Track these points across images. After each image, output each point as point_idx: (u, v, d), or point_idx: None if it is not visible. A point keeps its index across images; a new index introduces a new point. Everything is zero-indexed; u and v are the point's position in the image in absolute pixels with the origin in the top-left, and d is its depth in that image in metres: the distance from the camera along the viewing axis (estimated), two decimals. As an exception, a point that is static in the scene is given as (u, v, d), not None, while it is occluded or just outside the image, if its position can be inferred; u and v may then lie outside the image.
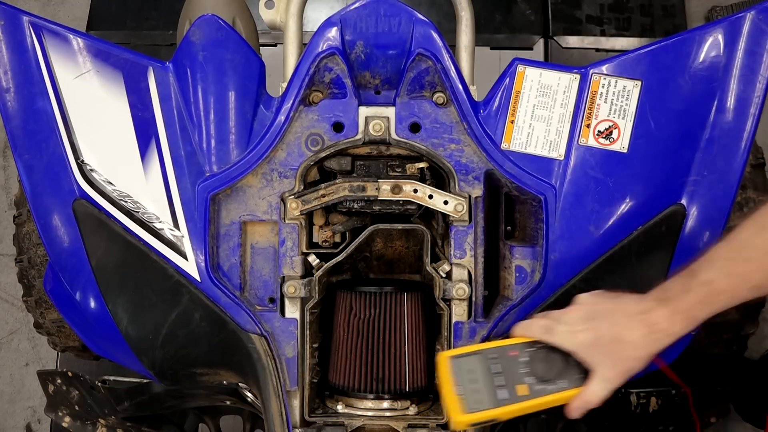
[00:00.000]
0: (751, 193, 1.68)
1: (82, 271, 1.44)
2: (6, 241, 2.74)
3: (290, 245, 1.42)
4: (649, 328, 1.11)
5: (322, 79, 1.41)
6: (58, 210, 1.44)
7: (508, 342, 1.24)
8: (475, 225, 1.42)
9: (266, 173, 1.43)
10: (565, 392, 1.19)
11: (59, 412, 1.85)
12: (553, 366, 1.19)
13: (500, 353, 1.22)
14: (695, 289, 1.10)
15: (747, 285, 1.08)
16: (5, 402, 2.62)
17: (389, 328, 1.45)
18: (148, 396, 1.61)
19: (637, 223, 1.39)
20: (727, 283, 1.08)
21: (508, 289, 1.44)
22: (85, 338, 1.56)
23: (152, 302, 1.42)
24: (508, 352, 1.22)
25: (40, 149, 1.44)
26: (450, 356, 1.22)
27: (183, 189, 1.41)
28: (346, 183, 1.42)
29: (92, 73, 1.44)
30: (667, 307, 1.11)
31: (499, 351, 1.22)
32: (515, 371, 1.20)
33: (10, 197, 2.82)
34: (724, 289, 1.09)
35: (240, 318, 1.41)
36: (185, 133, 1.43)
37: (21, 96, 1.44)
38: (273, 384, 1.39)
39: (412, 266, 1.61)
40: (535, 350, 1.21)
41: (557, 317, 1.19)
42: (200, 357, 1.44)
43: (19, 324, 2.69)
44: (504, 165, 1.39)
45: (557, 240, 1.39)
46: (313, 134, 1.42)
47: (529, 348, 1.22)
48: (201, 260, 1.40)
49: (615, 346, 1.13)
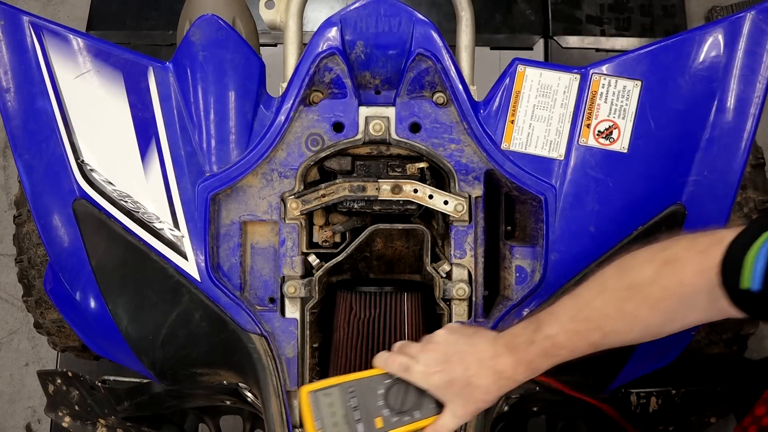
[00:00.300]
0: (751, 193, 1.68)
1: (82, 271, 1.44)
2: (6, 241, 2.74)
3: (290, 245, 1.43)
4: (497, 375, 1.18)
5: (322, 79, 1.41)
6: (58, 210, 1.44)
7: (366, 374, 1.26)
8: (475, 225, 1.42)
9: (266, 173, 1.43)
10: (419, 422, 1.23)
11: (59, 412, 1.84)
12: (409, 398, 1.23)
13: (358, 386, 1.24)
14: (538, 342, 1.15)
15: (585, 343, 1.13)
16: (5, 402, 2.62)
17: (389, 328, 1.45)
18: (148, 396, 1.61)
19: (637, 223, 1.39)
20: (566, 339, 1.13)
21: (508, 289, 1.44)
22: (85, 338, 1.56)
23: (152, 302, 1.42)
24: (365, 385, 1.25)
25: (40, 149, 1.44)
26: (309, 391, 1.24)
27: (183, 189, 1.41)
28: (347, 183, 1.42)
29: (92, 73, 1.44)
30: (513, 356, 1.17)
31: (357, 384, 1.25)
32: (372, 404, 1.23)
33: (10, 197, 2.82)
34: (565, 344, 1.14)
35: (240, 318, 1.41)
36: (185, 133, 1.43)
37: (21, 96, 1.44)
38: (273, 384, 1.39)
39: (412, 266, 1.61)
40: (390, 382, 1.24)
41: (415, 355, 1.24)
42: (200, 357, 1.44)
43: (19, 324, 2.69)
44: (504, 165, 1.40)
45: (557, 240, 1.39)
46: (313, 134, 1.42)
47: (386, 380, 1.25)
48: (201, 260, 1.41)
49: (466, 389, 1.19)
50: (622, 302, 1.08)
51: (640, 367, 1.49)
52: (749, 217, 1.67)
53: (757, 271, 0.93)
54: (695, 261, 1.01)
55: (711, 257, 0.99)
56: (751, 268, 0.94)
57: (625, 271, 1.10)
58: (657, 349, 1.45)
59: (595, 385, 1.48)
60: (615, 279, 1.11)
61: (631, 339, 1.11)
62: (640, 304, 1.06)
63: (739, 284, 0.95)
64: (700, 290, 1.01)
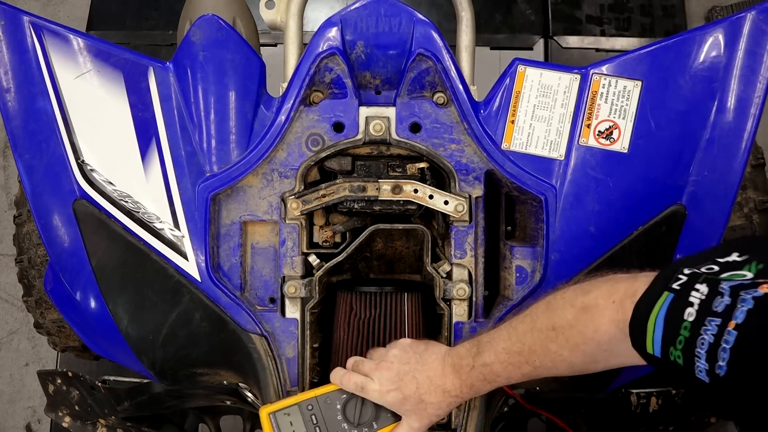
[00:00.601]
0: (751, 193, 1.68)
1: (83, 271, 1.44)
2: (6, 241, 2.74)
3: (291, 245, 1.43)
4: (445, 394, 1.24)
5: (322, 79, 1.41)
6: (59, 210, 1.44)
7: (323, 390, 1.32)
8: (475, 225, 1.42)
9: (267, 173, 1.43)
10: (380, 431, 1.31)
11: (59, 412, 1.84)
12: (366, 411, 1.30)
13: (316, 403, 1.30)
14: (477, 368, 1.21)
15: (519, 373, 1.17)
16: (5, 402, 2.62)
17: (390, 328, 1.45)
18: (148, 396, 1.61)
19: (637, 223, 1.39)
20: (502, 368, 1.18)
21: (509, 289, 1.44)
22: (85, 338, 1.56)
23: (152, 302, 1.42)
24: (323, 401, 1.31)
25: (41, 149, 1.44)
26: (269, 412, 1.29)
27: (183, 189, 1.41)
28: (347, 183, 1.42)
29: (92, 73, 1.44)
30: (458, 378, 1.23)
31: (315, 401, 1.31)
32: (332, 419, 1.30)
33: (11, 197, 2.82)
34: (500, 373, 1.19)
35: (240, 318, 1.41)
36: (186, 133, 1.43)
37: (21, 96, 1.44)
38: (273, 384, 1.39)
39: (413, 266, 1.61)
40: (347, 397, 1.31)
41: (370, 373, 1.30)
42: (200, 357, 1.44)
43: (19, 324, 2.69)
44: (504, 165, 1.40)
45: (557, 240, 1.39)
46: (313, 134, 1.42)
47: (343, 395, 1.31)
48: (201, 260, 1.41)
49: (419, 405, 1.26)
50: (547, 342, 1.11)
51: (640, 368, 1.49)
52: (749, 217, 1.67)
53: (656, 339, 0.92)
54: (610, 311, 1.01)
55: (624, 310, 0.98)
56: (652, 335, 0.92)
57: (551, 310, 1.12)
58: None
59: (594, 386, 1.48)
60: (543, 317, 1.13)
61: (560, 374, 1.15)
62: (562, 345, 1.09)
63: (645, 348, 0.94)
64: (616, 338, 1.01)
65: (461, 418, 1.38)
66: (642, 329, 0.94)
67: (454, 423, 1.40)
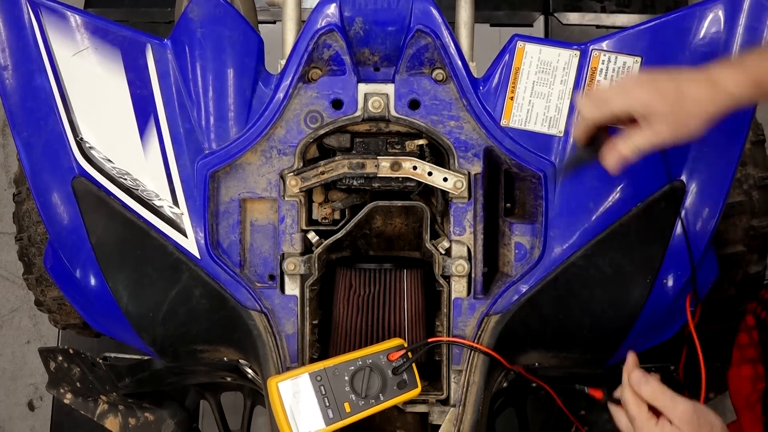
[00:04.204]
0: (750, 170, 1.68)
1: (82, 248, 1.44)
2: (6, 219, 2.74)
3: (290, 222, 1.43)
4: (714, 87, 1.08)
5: (320, 56, 1.41)
6: (58, 188, 1.44)
7: (332, 362, 1.32)
8: (474, 202, 1.42)
9: (265, 150, 1.43)
10: (384, 404, 1.33)
11: (61, 389, 1.85)
12: (373, 383, 1.32)
13: (325, 374, 1.31)
14: None
15: None
16: (7, 379, 2.63)
17: (389, 304, 1.45)
18: (149, 373, 1.61)
19: (636, 199, 1.39)
20: None
21: (508, 265, 1.45)
22: (86, 315, 1.56)
23: (152, 279, 1.42)
24: (331, 372, 1.31)
25: (39, 127, 1.43)
26: (278, 382, 1.30)
27: (182, 166, 1.41)
28: (346, 160, 1.41)
29: (90, 51, 1.43)
30: (736, 69, 1.08)
31: (324, 372, 1.31)
32: (340, 390, 1.31)
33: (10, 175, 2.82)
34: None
35: (240, 295, 1.41)
36: (184, 110, 1.42)
37: (19, 73, 1.44)
38: (273, 360, 1.40)
39: (412, 243, 1.62)
40: (355, 369, 1.32)
41: None
42: (201, 334, 1.45)
43: (20, 302, 2.70)
44: (503, 142, 1.39)
45: (557, 216, 1.39)
46: (312, 111, 1.42)
47: (351, 366, 1.32)
48: (200, 237, 1.41)
49: (677, 104, 1.10)
50: None
51: (639, 343, 1.49)
52: (749, 193, 1.67)
53: None
54: None
55: None
56: None
57: None
58: (656, 326, 1.46)
59: (593, 361, 1.48)
60: None
61: None
62: None
63: None
64: None
65: (460, 393, 1.39)
66: None
67: (453, 399, 1.41)
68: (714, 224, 1.42)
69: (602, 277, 1.39)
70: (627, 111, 1.13)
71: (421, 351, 1.39)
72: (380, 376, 1.33)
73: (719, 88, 1.08)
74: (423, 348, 1.40)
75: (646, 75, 1.14)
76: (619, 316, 1.41)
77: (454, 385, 1.41)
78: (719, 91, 1.08)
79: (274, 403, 1.29)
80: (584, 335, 1.42)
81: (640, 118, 1.13)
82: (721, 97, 1.08)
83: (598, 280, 1.40)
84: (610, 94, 1.16)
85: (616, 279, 1.40)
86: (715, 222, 1.42)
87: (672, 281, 1.42)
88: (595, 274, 1.39)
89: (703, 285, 1.49)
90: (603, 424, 1.79)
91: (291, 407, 1.29)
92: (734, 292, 1.76)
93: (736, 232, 1.67)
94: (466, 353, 1.40)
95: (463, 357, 1.40)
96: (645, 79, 1.12)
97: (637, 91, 1.12)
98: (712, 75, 1.08)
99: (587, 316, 1.41)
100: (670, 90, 1.10)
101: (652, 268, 1.40)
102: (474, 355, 1.39)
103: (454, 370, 1.41)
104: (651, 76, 1.13)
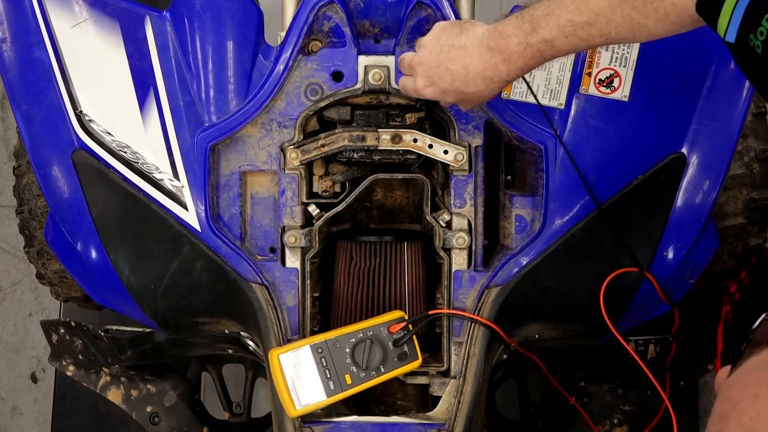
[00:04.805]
0: (751, 142, 1.67)
1: (83, 221, 1.44)
2: (6, 193, 2.73)
3: (290, 195, 1.43)
4: (486, 81, 1.18)
5: (320, 27, 1.40)
6: (58, 161, 1.44)
7: (333, 334, 1.33)
8: (475, 174, 1.42)
9: (265, 123, 1.42)
10: (384, 376, 1.33)
11: (63, 361, 1.86)
12: (374, 355, 1.33)
13: (326, 346, 1.32)
14: (534, 46, 1.12)
15: (585, 45, 1.11)
16: (10, 352, 2.64)
17: (389, 277, 1.45)
18: (151, 345, 1.62)
19: (637, 171, 1.39)
20: (565, 43, 1.10)
21: (508, 238, 1.45)
22: (87, 288, 1.57)
23: (153, 252, 1.42)
24: (332, 344, 1.32)
25: (38, 100, 1.43)
26: (279, 354, 1.30)
27: (182, 139, 1.41)
28: (346, 133, 1.41)
29: (89, 23, 1.42)
30: (506, 62, 1.15)
31: (325, 344, 1.32)
32: (342, 362, 1.32)
33: (10, 148, 2.81)
34: (562, 48, 1.12)
35: (241, 268, 1.41)
36: (184, 82, 1.42)
37: (17, 46, 1.43)
38: (274, 333, 1.40)
39: (413, 216, 1.62)
40: (356, 341, 1.33)
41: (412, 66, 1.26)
42: (202, 306, 1.45)
43: (21, 275, 2.70)
44: (504, 114, 1.39)
45: (557, 189, 1.39)
46: (312, 84, 1.41)
47: (352, 339, 1.33)
48: (201, 210, 1.41)
49: (460, 96, 1.24)
50: (630, 11, 1.03)
51: (638, 315, 1.50)
52: (749, 166, 1.66)
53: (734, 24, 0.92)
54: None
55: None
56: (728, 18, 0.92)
57: None
58: (656, 298, 1.46)
59: (593, 333, 1.49)
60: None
61: (631, 42, 1.11)
62: (648, 15, 1.02)
63: None
64: None
65: (461, 365, 1.39)
66: None
67: (454, 370, 1.41)
68: (714, 196, 1.42)
69: (602, 249, 1.40)
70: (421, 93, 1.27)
71: (422, 323, 1.40)
72: (381, 348, 1.33)
73: (492, 80, 1.19)
74: (423, 320, 1.40)
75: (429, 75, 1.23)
76: (620, 288, 1.41)
77: (455, 357, 1.42)
78: (492, 83, 1.19)
79: (276, 374, 1.29)
80: (584, 307, 1.42)
81: None
82: (495, 86, 1.20)
83: (599, 253, 1.40)
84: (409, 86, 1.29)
85: (616, 251, 1.40)
86: (716, 194, 1.42)
87: (672, 253, 1.42)
88: (595, 246, 1.40)
89: (703, 257, 1.50)
90: (602, 395, 1.81)
91: (292, 379, 1.30)
92: (734, 265, 1.76)
93: (737, 204, 1.67)
94: (467, 325, 1.40)
95: (463, 329, 1.41)
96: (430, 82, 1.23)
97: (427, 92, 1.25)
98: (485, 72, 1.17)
99: (587, 289, 1.41)
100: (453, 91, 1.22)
101: (652, 240, 1.40)
102: (474, 328, 1.40)
103: (455, 342, 1.42)
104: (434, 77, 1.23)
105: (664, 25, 1.04)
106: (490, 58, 1.17)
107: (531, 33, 1.12)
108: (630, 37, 1.08)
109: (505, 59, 1.15)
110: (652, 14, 1.02)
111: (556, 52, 1.13)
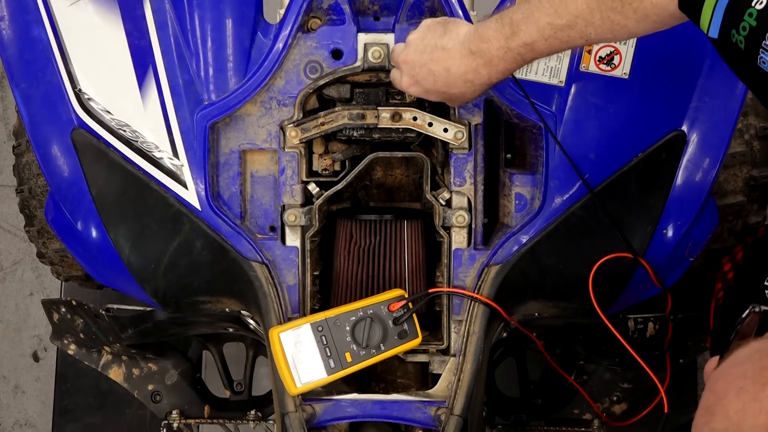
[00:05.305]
0: (752, 120, 1.67)
1: (83, 200, 1.44)
2: (6, 172, 2.73)
3: (290, 174, 1.43)
4: (468, 84, 1.21)
5: (320, 5, 1.40)
6: (57, 140, 1.44)
7: (333, 312, 1.34)
8: (474, 153, 1.42)
9: (265, 101, 1.42)
10: (384, 354, 1.34)
11: (65, 340, 1.87)
12: (374, 333, 1.34)
13: (326, 324, 1.33)
14: (514, 50, 1.14)
15: (566, 47, 1.13)
16: (11, 331, 2.65)
17: (389, 255, 1.45)
18: (152, 324, 1.62)
19: (637, 149, 1.39)
20: (545, 45, 1.12)
21: (508, 216, 1.45)
22: (88, 267, 1.57)
23: (153, 231, 1.42)
24: (333, 323, 1.33)
25: (37, 78, 1.43)
26: (280, 332, 1.31)
27: (182, 118, 1.41)
28: (346, 111, 1.41)
29: (87, 1, 1.42)
30: (488, 66, 1.17)
31: (325, 322, 1.33)
32: (342, 340, 1.33)
33: (9, 127, 2.80)
34: (543, 50, 1.13)
35: (241, 246, 1.42)
36: (183, 61, 1.41)
37: (16, 24, 1.43)
38: (275, 311, 1.41)
39: (412, 194, 1.62)
40: (356, 319, 1.33)
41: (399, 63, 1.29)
42: (202, 285, 1.46)
43: (22, 254, 2.70)
44: (504, 92, 1.39)
45: (557, 167, 1.39)
46: (311, 61, 1.41)
47: (352, 317, 1.33)
48: (201, 189, 1.41)
49: (444, 95, 1.26)
50: (609, 13, 1.05)
51: (638, 294, 1.50)
52: (750, 143, 1.66)
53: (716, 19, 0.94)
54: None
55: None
56: None
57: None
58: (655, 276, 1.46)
59: (592, 311, 1.49)
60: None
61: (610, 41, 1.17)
62: (628, 16, 1.04)
63: None
64: None
65: (461, 343, 1.40)
66: None
67: (453, 348, 1.42)
68: (715, 174, 1.42)
69: (602, 227, 1.40)
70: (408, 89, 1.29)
71: (422, 301, 1.40)
72: (381, 327, 1.34)
73: (473, 83, 1.20)
74: (423, 298, 1.41)
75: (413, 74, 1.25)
76: (619, 266, 1.42)
77: (455, 335, 1.42)
78: (474, 85, 1.21)
79: (276, 353, 1.30)
80: (584, 285, 1.42)
81: None
82: (478, 88, 1.22)
83: (598, 231, 1.40)
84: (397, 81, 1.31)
85: (616, 229, 1.40)
86: (716, 172, 1.42)
87: (672, 231, 1.43)
88: (594, 224, 1.40)
89: (702, 235, 1.50)
90: (601, 373, 1.82)
91: (293, 357, 1.30)
92: (734, 242, 1.77)
93: (737, 182, 1.67)
94: (466, 303, 1.41)
95: (463, 307, 1.41)
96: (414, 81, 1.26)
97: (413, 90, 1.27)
98: (466, 76, 1.19)
99: (587, 267, 1.41)
100: (436, 91, 1.24)
101: (652, 218, 1.41)
102: (474, 306, 1.40)
103: (455, 320, 1.42)
104: (418, 77, 1.24)
105: (644, 25, 1.05)
106: (471, 61, 1.18)
107: (511, 37, 1.13)
108: (610, 38, 1.09)
109: (486, 63, 1.17)
110: (632, 15, 1.03)
111: (536, 55, 1.14)
